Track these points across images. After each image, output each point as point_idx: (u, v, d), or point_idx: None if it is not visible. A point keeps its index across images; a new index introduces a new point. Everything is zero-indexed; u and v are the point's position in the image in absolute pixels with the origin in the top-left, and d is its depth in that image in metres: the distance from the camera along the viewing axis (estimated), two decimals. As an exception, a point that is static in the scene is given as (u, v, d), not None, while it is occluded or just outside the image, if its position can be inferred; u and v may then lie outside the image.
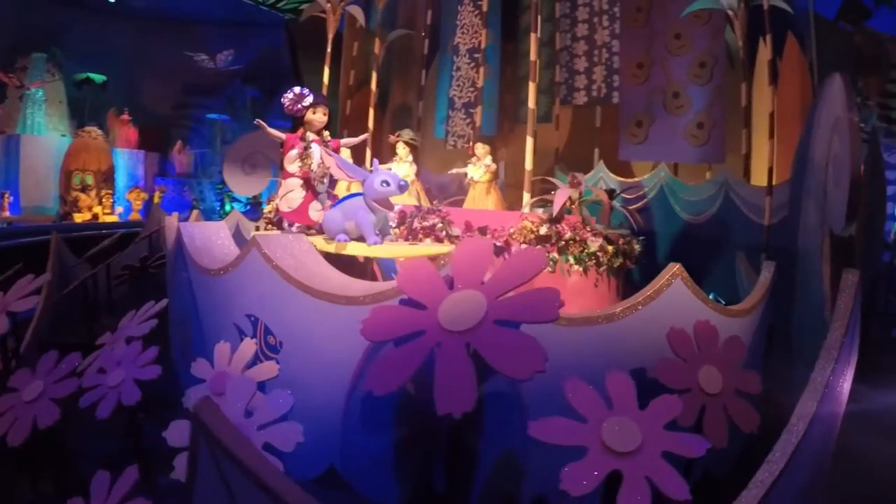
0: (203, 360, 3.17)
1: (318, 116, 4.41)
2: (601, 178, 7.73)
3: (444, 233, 4.59)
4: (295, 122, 4.47)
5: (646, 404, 2.44)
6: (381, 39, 9.08)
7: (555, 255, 4.73)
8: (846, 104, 4.39)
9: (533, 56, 5.94)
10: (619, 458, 2.05)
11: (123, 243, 7.12)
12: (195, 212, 7.51)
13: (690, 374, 2.84)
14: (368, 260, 4.77)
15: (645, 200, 7.34)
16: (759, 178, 7.32)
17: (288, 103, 4.32)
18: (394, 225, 4.79)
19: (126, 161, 12.46)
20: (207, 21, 14.69)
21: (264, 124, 4.57)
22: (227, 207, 14.48)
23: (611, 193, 6.31)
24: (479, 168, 6.22)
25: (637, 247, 5.17)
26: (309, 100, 4.33)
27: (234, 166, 9.85)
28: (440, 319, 2.31)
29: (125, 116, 12.72)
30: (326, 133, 4.49)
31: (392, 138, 6.73)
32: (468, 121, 9.71)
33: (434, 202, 5.27)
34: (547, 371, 2.16)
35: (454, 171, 6.81)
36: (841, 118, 4.71)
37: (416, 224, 4.57)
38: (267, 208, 6.54)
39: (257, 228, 8.64)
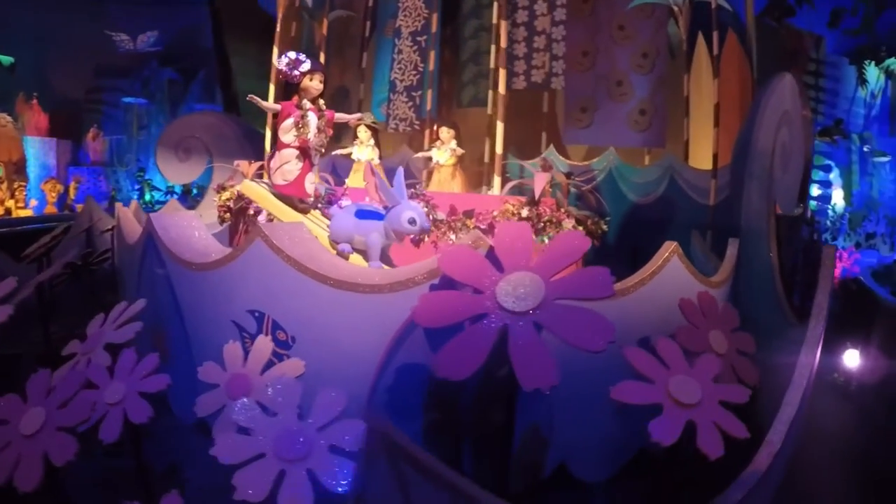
0: (212, 364, 2.98)
1: (315, 84, 4.18)
2: (552, 161, 7.92)
3: (430, 217, 4.58)
4: (289, 88, 4.24)
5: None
6: (325, 20, 8.79)
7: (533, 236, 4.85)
8: (800, 102, 4.78)
9: (503, 42, 5.99)
10: (689, 410, 2.27)
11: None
12: (134, 202, 7.03)
13: (703, 338, 3.08)
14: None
15: (595, 183, 7.61)
16: (697, 162, 7.82)
17: (285, 69, 4.09)
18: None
19: (37, 150, 11.42)
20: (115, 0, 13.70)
21: (257, 98, 4.33)
22: (147, 197, 13.65)
23: (568, 176, 6.51)
24: (444, 152, 6.23)
25: (604, 227, 5.38)
26: (306, 66, 4.09)
27: (167, 152, 9.29)
28: (501, 302, 2.34)
29: (35, 101, 11.65)
30: (321, 102, 4.29)
31: (353, 122, 6.58)
32: (410, 104, 9.64)
33: (417, 186, 5.20)
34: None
35: (419, 155, 6.76)
36: (790, 112, 5.11)
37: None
38: (225, 195, 6.20)
39: (199, 217, 8.19)
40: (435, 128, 6.33)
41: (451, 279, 2.91)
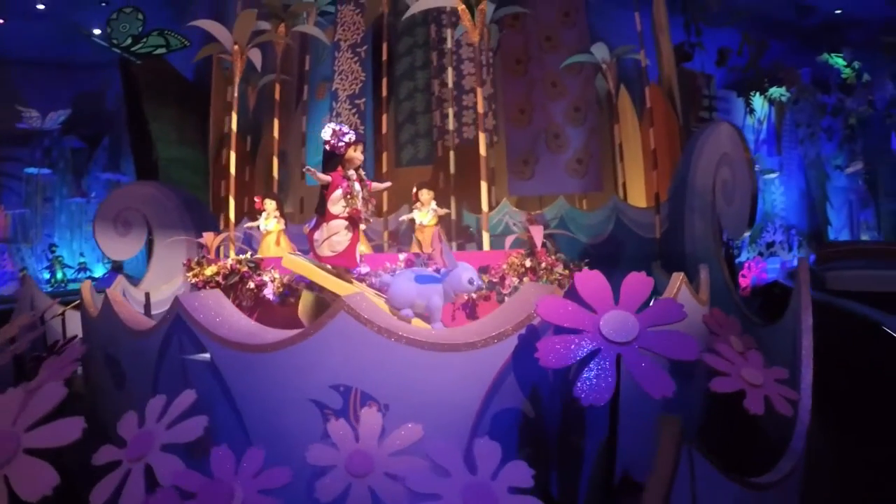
0: (320, 446, 3.03)
1: (358, 154, 4.30)
2: (507, 213, 8.54)
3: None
4: (331, 159, 4.29)
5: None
6: (277, 85, 8.80)
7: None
8: (741, 146, 5.72)
9: (480, 108, 6.52)
10: (761, 389, 3.05)
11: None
12: (87, 282, 6.63)
13: (727, 343, 3.73)
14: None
15: (549, 229, 8.31)
16: (632, 202, 8.77)
17: (331, 140, 4.21)
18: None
19: (-66, 231, 10.52)
20: (15, 62, 13.00)
21: (313, 169, 4.36)
22: (59, 275, 12.84)
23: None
24: (426, 213, 6.59)
25: (585, 267, 5.96)
26: (350, 137, 4.24)
27: (105, 226, 8.88)
28: (608, 336, 2.83)
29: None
30: (362, 171, 4.40)
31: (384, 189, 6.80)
32: (353, 167, 9.97)
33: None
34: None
35: (403, 217, 7.09)
36: (730, 154, 6.07)
37: (420, 270, 4.82)
38: (209, 270, 6.13)
39: (147, 298, 7.81)
40: (414, 191, 6.71)
41: (535, 327, 3.35)
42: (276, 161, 8.36)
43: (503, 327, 3.34)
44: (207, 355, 3.78)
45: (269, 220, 7.14)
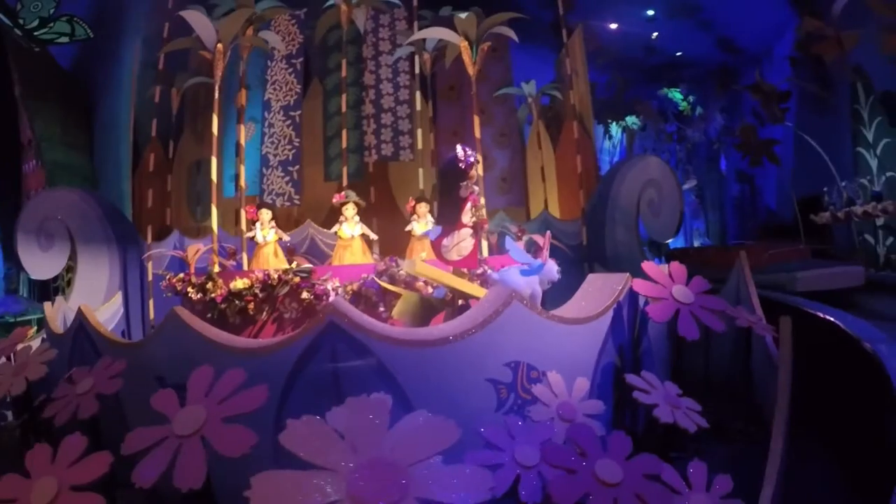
0: (538, 405, 4.09)
1: (476, 172, 5.39)
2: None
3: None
4: (452, 175, 5.32)
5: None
6: (247, 91, 9.20)
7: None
8: (670, 175, 8.17)
9: (477, 133, 8.10)
10: (759, 325, 4.97)
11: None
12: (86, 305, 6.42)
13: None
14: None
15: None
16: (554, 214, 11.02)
17: (463, 158, 5.22)
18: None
19: None
20: None
21: (473, 185, 5.27)
22: None
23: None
24: (423, 224, 7.87)
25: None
26: (475, 156, 5.35)
27: (28, 240, 8.62)
28: (680, 300, 4.76)
29: None
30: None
31: (336, 199, 7.67)
32: (287, 179, 10.82)
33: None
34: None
35: (408, 228, 8.23)
36: (658, 180, 8.53)
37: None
38: (243, 283, 6.44)
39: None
40: (412, 203, 7.78)
41: (620, 302, 5.20)
42: (242, 169, 8.77)
43: (604, 304, 5.12)
44: (369, 360, 4.14)
45: (267, 231, 7.61)
